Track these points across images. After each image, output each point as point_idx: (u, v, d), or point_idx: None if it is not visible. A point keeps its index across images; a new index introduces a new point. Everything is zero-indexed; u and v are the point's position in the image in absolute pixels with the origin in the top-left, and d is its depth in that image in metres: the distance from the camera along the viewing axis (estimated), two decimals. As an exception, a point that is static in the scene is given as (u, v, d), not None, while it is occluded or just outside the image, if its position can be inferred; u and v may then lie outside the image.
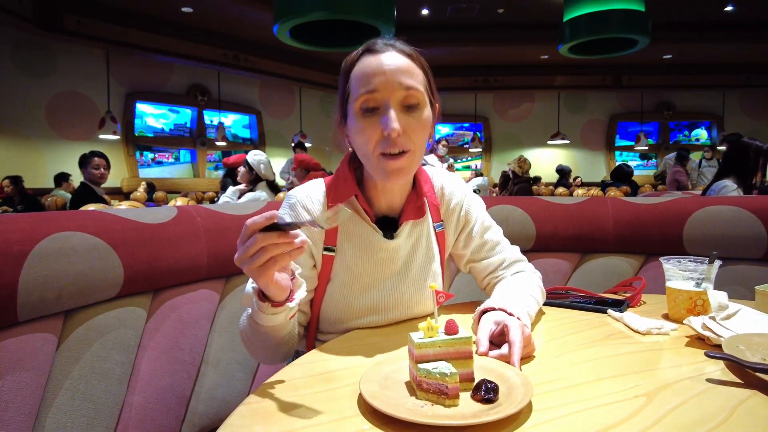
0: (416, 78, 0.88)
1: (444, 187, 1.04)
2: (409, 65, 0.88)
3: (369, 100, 0.85)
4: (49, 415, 0.82)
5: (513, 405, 0.56)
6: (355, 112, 0.87)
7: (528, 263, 1.09)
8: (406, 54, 0.88)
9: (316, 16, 4.04)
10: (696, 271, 0.96)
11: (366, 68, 0.87)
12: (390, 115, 0.84)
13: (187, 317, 1.12)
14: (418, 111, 0.87)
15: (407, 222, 0.97)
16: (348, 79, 0.90)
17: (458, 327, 0.66)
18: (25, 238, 0.82)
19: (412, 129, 0.86)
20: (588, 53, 6.00)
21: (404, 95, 0.85)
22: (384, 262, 0.96)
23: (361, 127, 0.86)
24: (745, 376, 0.68)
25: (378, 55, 0.87)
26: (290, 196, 0.95)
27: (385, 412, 0.56)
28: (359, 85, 0.86)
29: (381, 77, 0.85)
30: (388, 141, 0.84)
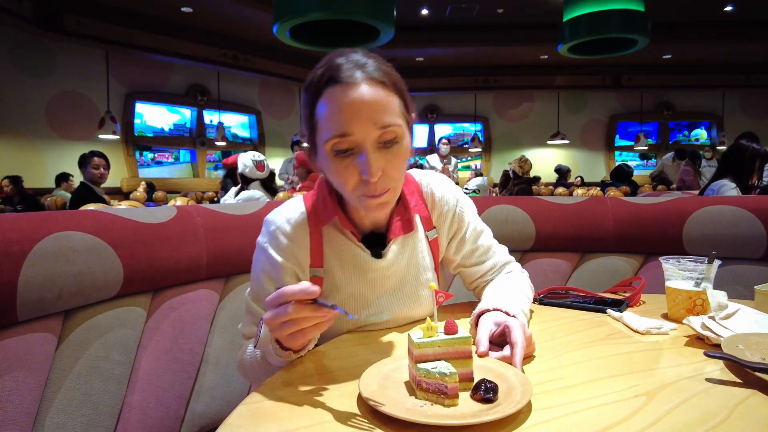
0: (393, 110, 0.78)
1: (434, 192, 0.99)
2: (384, 97, 0.77)
3: (341, 143, 0.76)
4: (49, 414, 0.83)
5: (512, 405, 0.56)
6: (327, 151, 0.78)
7: (516, 263, 1.09)
8: (378, 82, 0.77)
9: (315, 16, 4.04)
10: (695, 271, 0.96)
11: (335, 105, 0.75)
12: (368, 158, 0.76)
13: (186, 317, 1.12)
14: (396, 145, 0.79)
15: (395, 238, 0.92)
16: (313, 108, 0.79)
17: (458, 327, 0.66)
18: (25, 238, 0.82)
19: (392, 166, 0.79)
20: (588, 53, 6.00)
21: (380, 134, 0.76)
22: (376, 281, 0.92)
23: (335, 169, 0.79)
24: (744, 376, 0.68)
25: (347, 89, 0.75)
26: (269, 223, 0.90)
27: (384, 411, 0.56)
28: (328, 123, 0.76)
29: (352, 117, 0.75)
30: (368, 184, 0.77)
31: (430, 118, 11.65)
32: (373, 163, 0.76)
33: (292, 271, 0.89)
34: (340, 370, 0.74)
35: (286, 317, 0.64)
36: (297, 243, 0.88)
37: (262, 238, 0.90)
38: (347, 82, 0.75)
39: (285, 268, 0.87)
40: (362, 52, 0.80)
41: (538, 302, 1.13)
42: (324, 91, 0.77)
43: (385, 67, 0.80)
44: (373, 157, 0.76)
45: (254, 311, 0.89)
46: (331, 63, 0.78)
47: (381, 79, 0.77)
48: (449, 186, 1.01)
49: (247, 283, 1.26)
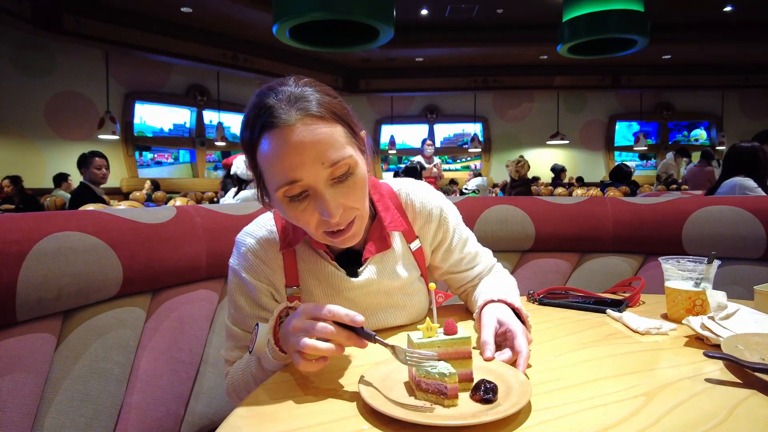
0: (338, 142, 0.72)
1: (414, 202, 0.93)
2: (326, 132, 0.70)
3: (291, 190, 0.71)
4: (48, 415, 0.82)
5: (512, 405, 0.56)
6: (279, 198, 0.73)
7: (498, 264, 1.08)
8: (317, 117, 0.70)
9: (315, 16, 4.04)
10: (695, 271, 0.96)
11: (275, 152, 0.69)
12: (324, 200, 0.71)
13: (186, 317, 1.12)
14: (351, 176, 0.73)
15: (371, 257, 0.89)
16: (254, 155, 0.73)
17: (457, 327, 0.66)
18: (24, 238, 0.82)
19: (351, 198, 0.74)
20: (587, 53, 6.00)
21: (331, 171, 0.71)
22: (356, 299, 0.89)
23: (292, 215, 0.75)
24: (744, 376, 0.68)
25: (285, 133, 0.69)
26: (239, 244, 0.87)
27: (383, 412, 0.56)
28: (273, 173, 0.71)
29: (298, 162, 0.69)
30: (329, 223, 0.74)
31: (429, 118, 11.65)
32: (331, 203, 0.72)
33: (267, 292, 0.86)
34: (340, 370, 0.74)
35: (322, 333, 0.64)
36: (269, 264, 0.85)
37: (233, 260, 0.87)
38: (283, 125, 0.69)
39: (260, 289, 0.85)
40: (294, 81, 0.74)
41: (537, 302, 1.13)
42: (261, 137, 0.71)
43: (321, 95, 0.73)
44: (330, 196, 0.72)
45: (236, 335, 0.87)
46: (263, 104, 0.71)
47: (319, 114, 0.71)
48: (430, 194, 0.96)
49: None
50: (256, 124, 0.71)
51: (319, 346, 0.64)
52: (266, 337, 0.71)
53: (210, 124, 9.40)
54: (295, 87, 0.73)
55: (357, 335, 0.65)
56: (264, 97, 0.72)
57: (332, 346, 0.65)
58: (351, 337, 0.65)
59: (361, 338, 0.65)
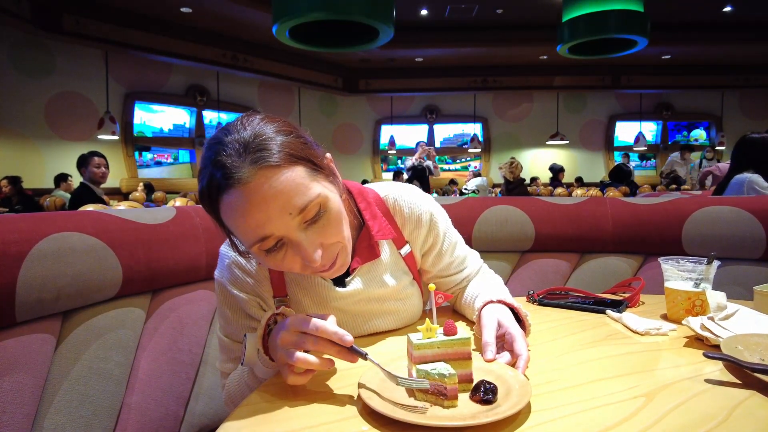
0: (302, 185, 0.67)
1: (403, 207, 0.92)
2: (287, 178, 0.66)
3: (265, 245, 0.68)
4: (48, 416, 0.82)
5: (512, 406, 0.56)
6: (256, 253, 0.70)
7: (486, 266, 1.07)
8: (275, 166, 0.65)
9: (314, 16, 4.04)
10: (694, 272, 0.96)
11: (238, 214, 0.66)
12: (302, 246, 0.69)
13: (186, 318, 1.12)
14: (325, 214, 0.70)
15: (358, 268, 0.87)
16: (218, 215, 0.70)
17: (457, 328, 0.65)
18: (23, 239, 0.82)
19: (329, 234, 0.71)
20: (587, 54, 6.01)
21: (302, 216, 0.68)
22: (345, 308, 0.88)
23: (275, 264, 0.72)
24: (743, 377, 0.67)
25: (242, 192, 0.64)
26: (223, 256, 0.85)
27: (383, 413, 0.56)
28: (242, 234, 0.68)
29: (263, 219, 0.66)
30: (312, 265, 0.71)
31: (429, 118, 11.65)
32: (309, 248, 0.69)
33: (254, 303, 0.85)
34: (339, 371, 0.74)
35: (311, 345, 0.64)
36: (253, 276, 0.84)
37: (218, 273, 0.85)
38: (240, 184, 0.64)
39: (247, 302, 0.84)
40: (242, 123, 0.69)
41: (537, 303, 1.13)
42: (220, 201, 0.67)
43: (274, 135, 0.68)
44: (307, 241, 0.69)
45: (228, 346, 0.86)
46: (215, 163, 0.66)
47: (274, 162, 0.65)
48: (419, 198, 0.94)
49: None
50: (212, 184, 0.67)
51: (309, 360, 0.64)
52: (255, 347, 0.70)
53: (210, 124, 9.40)
54: (245, 132, 0.67)
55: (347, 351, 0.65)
56: (215, 151, 0.67)
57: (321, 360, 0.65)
58: (341, 351, 0.65)
59: (351, 353, 0.65)
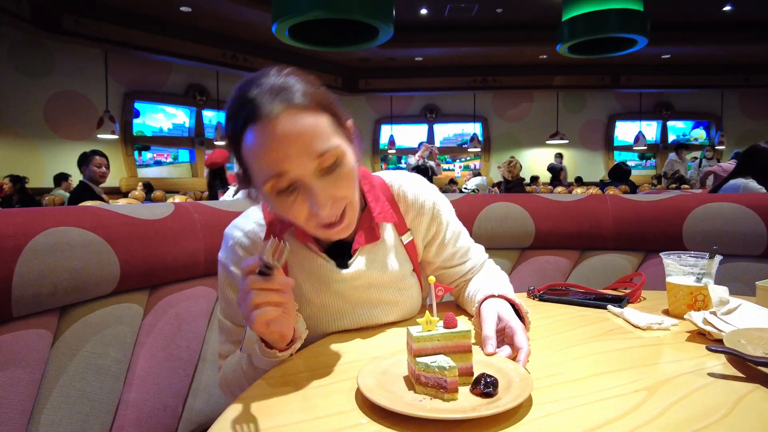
0: (325, 133, 0.70)
1: (407, 194, 0.92)
2: (312, 123, 0.69)
3: (279, 183, 0.70)
4: (44, 412, 0.82)
5: (512, 399, 0.55)
6: (267, 192, 0.71)
7: (490, 260, 1.07)
8: (301, 108, 0.69)
9: (314, 15, 4.03)
10: (696, 266, 0.95)
11: (260, 146, 0.68)
12: (313, 193, 0.70)
13: (184, 314, 1.11)
14: (339, 167, 0.72)
15: (360, 248, 0.87)
16: (238, 150, 0.72)
17: (457, 321, 0.65)
18: (20, 233, 0.81)
19: (340, 188, 0.73)
20: (587, 53, 6.00)
21: (319, 162, 0.70)
22: (346, 292, 0.87)
23: (281, 208, 0.73)
24: (746, 371, 0.67)
25: (269, 125, 0.67)
26: (228, 237, 0.86)
27: (383, 405, 0.55)
28: (260, 167, 0.70)
29: (284, 157, 0.68)
30: (321, 216, 0.72)
31: (429, 117, 11.65)
32: (320, 194, 0.71)
33: None
34: (338, 365, 0.73)
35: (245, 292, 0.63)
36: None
37: (222, 254, 0.86)
38: (267, 117, 0.67)
39: None
40: (276, 71, 0.72)
41: (537, 299, 1.12)
42: (245, 131, 0.69)
43: (304, 84, 0.71)
44: (319, 188, 0.71)
45: (228, 328, 0.86)
46: (246, 97, 0.69)
47: (303, 104, 0.69)
48: (424, 186, 0.95)
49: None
50: (239, 117, 0.69)
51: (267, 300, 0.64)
52: (254, 335, 0.70)
53: (209, 124, 9.39)
54: (278, 78, 0.71)
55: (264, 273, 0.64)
56: (245, 89, 0.70)
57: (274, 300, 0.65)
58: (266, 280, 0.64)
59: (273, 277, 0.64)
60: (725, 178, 2.77)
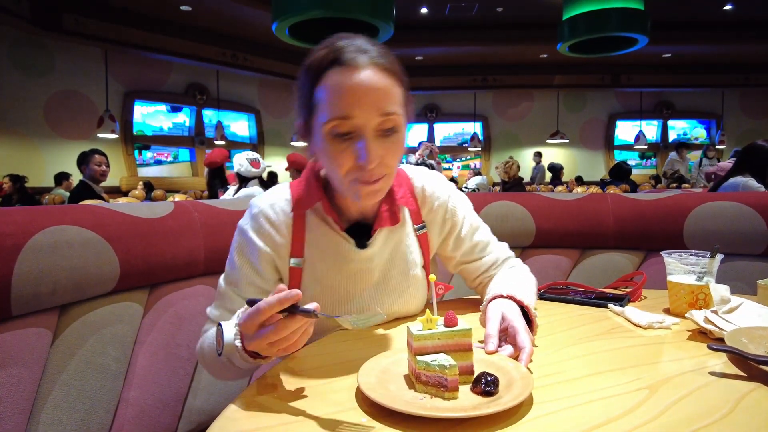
0: (395, 100, 0.77)
1: (425, 188, 0.96)
2: (388, 85, 0.76)
3: (340, 126, 0.74)
4: (44, 410, 0.81)
5: (513, 398, 0.55)
6: (324, 133, 0.76)
7: (517, 259, 1.07)
8: (384, 68, 0.75)
9: (314, 14, 4.03)
10: (698, 265, 0.95)
11: (338, 87, 0.74)
12: (367, 144, 0.74)
13: (183, 313, 1.11)
14: (395, 134, 0.78)
15: (382, 229, 0.90)
16: (313, 88, 0.77)
17: (458, 319, 0.65)
18: (19, 231, 0.81)
19: (389, 155, 0.78)
20: (587, 52, 6.00)
21: (381, 121, 0.75)
22: (358, 274, 0.89)
23: (331, 152, 0.77)
24: (748, 369, 0.67)
25: (352, 72, 0.73)
26: (253, 206, 0.88)
27: (383, 404, 0.55)
28: (329, 105, 0.74)
29: (355, 100, 0.73)
30: (363, 170, 0.76)
31: (429, 117, 11.64)
32: (372, 150, 0.75)
33: (269, 257, 0.86)
34: (338, 364, 0.73)
35: (273, 338, 0.61)
36: (278, 229, 0.86)
37: (244, 221, 0.88)
38: (351, 64, 0.74)
39: (262, 254, 0.85)
40: (366, 38, 0.78)
41: (538, 297, 1.12)
42: (326, 72, 0.75)
43: (390, 55, 0.78)
44: (373, 144, 0.75)
45: (226, 295, 0.86)
46: (334, 45, 0.76)
47: (386, 66, 0.76)
48: (441, 182, 0.99)
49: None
50: (325, 60, 0.75)
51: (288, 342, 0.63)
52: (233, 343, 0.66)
53: (209, 123, 9.39)
54: (368, 42, 0.77)
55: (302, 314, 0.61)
56: (336, 40, 0.77)
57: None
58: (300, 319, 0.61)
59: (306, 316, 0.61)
60: (724, 177, 2.77)
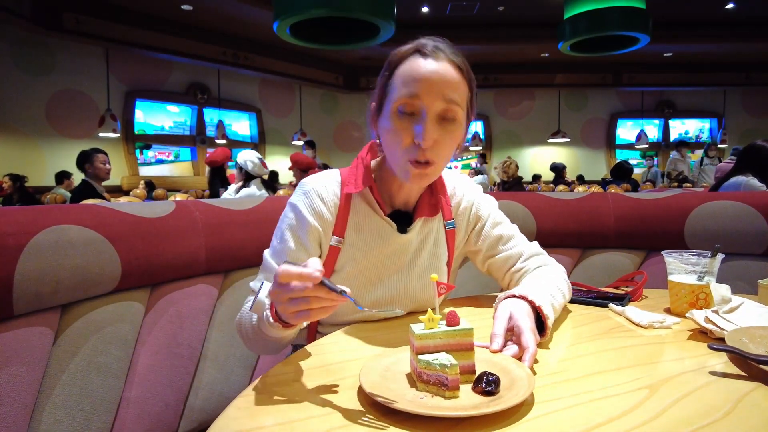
0: (460, 92, 0.86)
1: (456, 189, 1.05)
2: (457, 78, 0.86)
3: (408, 104, 0.84)
4: (46, 409, 0.82)
5: (514, 397, 0.55)
6: (392, 111, 0.86)
7: (549, 257, 1.06)
8: (456, 65, 0.86)
9: (315, 13, 4.03)
10: (698, 265, 0.95)
11: (413, 70, 0.85)
12: (426, 125, 0.83)
13: (185, 312, 1.11)
14: (453, 125, 0.86)
15: (420, 218, 0.97)
16: (392, 74, 0.88)
17: (460, 318, 0.65)
18: (21, 231, 0.81)
19: (443, 142, 0.86)
20: (588, 51, 5.99)
21: (444, 107, 0.84)
22: (392, 256, 0.96)
23: (394, 128, 0.86)
24: (748, 369, 0.67)
25: (428, 60, 0.84)
26: (304, 184, 0.95)
27: (383, 402, 0.55)
28: (402, 85, 0.85)
29: (425, 84, 0.83)
30: (418, 149, 0.84)
31: (430, 116, 11.61)
32: (429, 131, 0.83)
33: (317, 233, 0.92)
34: (339, 363, 0.73)
35: (297, 294, 0.62)
36: (328, 207, 0.93)
37: (295, 197, 0.95)
38: (431, 55, 0.85)
39: (311, 229, 0.91)
40: (446, 42, 0.89)
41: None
42: (407, 58, 0.86)
43: (465, 61, 0.89)
44: (431, 127, 0.83)
45: (269, 267, 0.91)
46: (420, 41, 0.88)
47: (460, 65, 0.86)
48: (470, 184, 1.08)
49: (247, 278, 1.25)
50: (410, 49, 0.87)
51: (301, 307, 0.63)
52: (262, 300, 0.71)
53: (211, 122, 9.39)
54: (449, 45, 0.89)
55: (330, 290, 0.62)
56: (420, 39, 0.89)
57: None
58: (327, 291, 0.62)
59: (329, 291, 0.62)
60: (725, 176, 2.77)
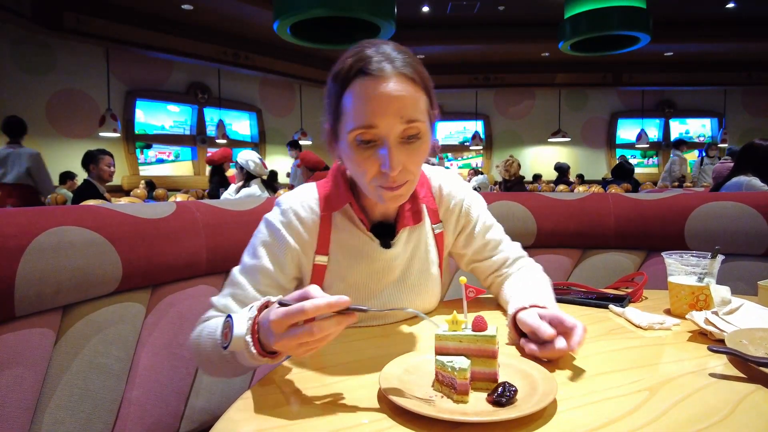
0: (419, 107, 0.78)
1: (442, 187, 1.00)
2: (411, 91, 0.77)
3: (365, 134, 0.76)
4: (47, 410, 0.82)
5: (522, 410, 0.53)
6: (350, 141, 0.78)
7: (529, 258, 1.07)
8: (408, 78, 0.77)
9: (316, 12, 4.03)
10: (698, 266, 0.95)
11: (362, 96, 0.76)
12: (390, 151, 0.76)
13: (186, 313, 1.11)
14: (417, 141, 0.79)
15: (404, 228, 0.93)
16: (340, 97, 0.79)
17: (487, 324, 0.63)
18: (22, 233, 0.81)
19: (412, 160, 0.80)
20: (589, 50, 5.99)
21: (404, 128, 0.77)
22: (381, 272, 0.93)
23: (355, 158, 0.79)
24: (748, 371, 0.67)
25: (376, 81, 0.75)
26: (281, 203, 0.90)
27: (386, 396, 0.55)
28: (355, 113, 0.77)
29: (379, 110, 0.75)
30: (386, 177, 0.78)
31: (430, 115, 11.61)
32: (395, 157, 0.77)
33: (295, 255, 0.88)
34: (339, 365, 0.73)
35: (307, 338, 0.58)
36: (307, 226, 0.88)
37: (272, 215, 0.89)
38: (377, 74, 0.75)
39: (287, 247, 0.87)
40: (393, 45, 0.81)
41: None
42: (353, 81, 0.77)
43: (415, 63, 0.80)
44: (395, 151, 0.77)
45: (239, 284, 0.84)
46: (361, 54, 0.78)
47: (410, 75, 0.77)
48: (458, 182, 1.02)
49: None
50: (352, 69, 0.77)
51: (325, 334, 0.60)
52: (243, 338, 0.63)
53: (211, 122, 9.39)
54: (394, 50, 0.79)
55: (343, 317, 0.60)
56: (364, 48, 0.79)
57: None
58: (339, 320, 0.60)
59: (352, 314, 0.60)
60: (726, 176, 2.76)
